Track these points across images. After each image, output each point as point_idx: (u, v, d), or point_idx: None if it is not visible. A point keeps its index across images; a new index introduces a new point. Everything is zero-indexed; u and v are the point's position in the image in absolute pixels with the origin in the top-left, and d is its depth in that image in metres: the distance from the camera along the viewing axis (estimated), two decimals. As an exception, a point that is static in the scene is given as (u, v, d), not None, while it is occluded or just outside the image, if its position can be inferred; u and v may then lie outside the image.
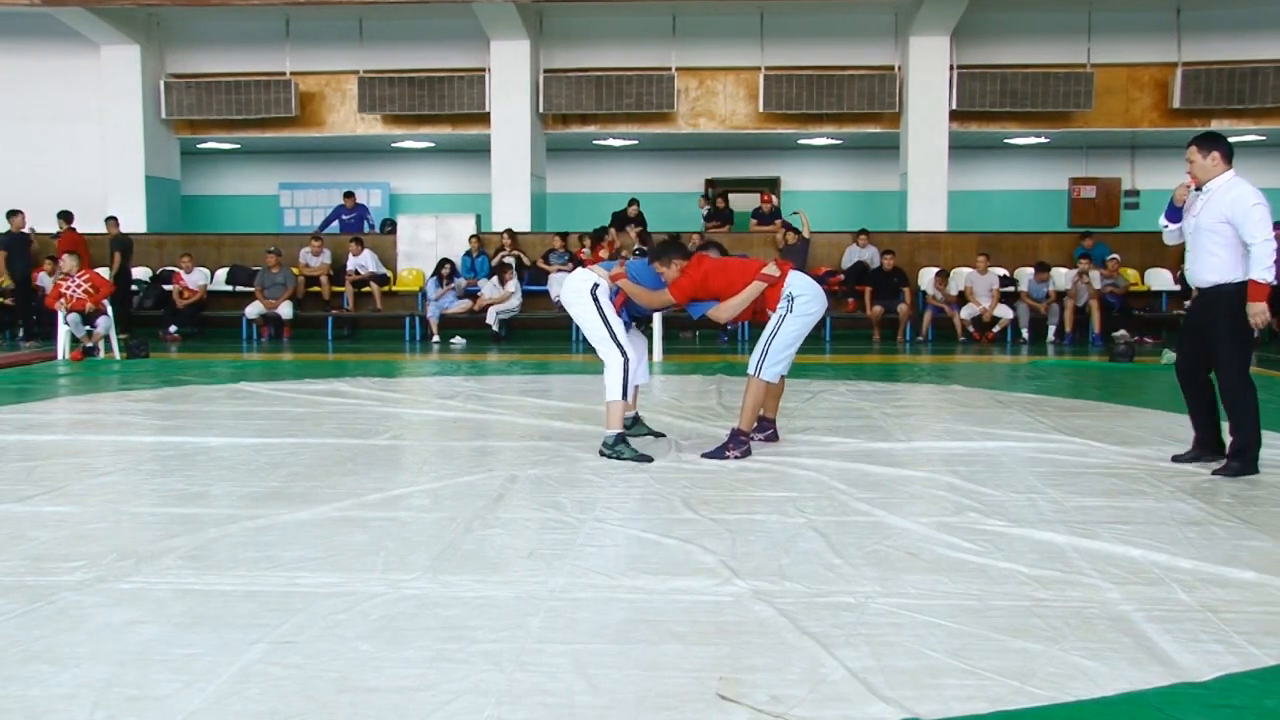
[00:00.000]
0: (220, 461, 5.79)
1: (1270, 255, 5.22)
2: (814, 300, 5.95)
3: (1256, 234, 5.22)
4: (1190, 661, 2.90)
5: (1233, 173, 5.46)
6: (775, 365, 5.93)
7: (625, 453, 5.76)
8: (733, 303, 5.93)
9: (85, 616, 3.27)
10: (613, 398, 5.87)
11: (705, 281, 5.96)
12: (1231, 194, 5.35)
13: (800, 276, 6.03)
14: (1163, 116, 16.38)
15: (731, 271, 6.02)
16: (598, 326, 5.92)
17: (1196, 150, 5.53)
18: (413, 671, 2.83)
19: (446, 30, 16.55)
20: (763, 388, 5.94)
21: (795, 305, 5.87)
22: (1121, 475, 5.38)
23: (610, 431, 5.86)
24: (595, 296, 5.93)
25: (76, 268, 12.19)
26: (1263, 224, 5.23)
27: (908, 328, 14.69)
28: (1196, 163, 5.52)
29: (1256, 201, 5.27)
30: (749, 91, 16.64)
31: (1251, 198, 5.28)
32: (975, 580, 3.62)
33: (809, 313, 5.94)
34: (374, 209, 18.99)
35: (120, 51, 16.49)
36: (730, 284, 5.95)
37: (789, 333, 5.91)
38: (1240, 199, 5.30)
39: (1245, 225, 5.24)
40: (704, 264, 5.99)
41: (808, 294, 5.93)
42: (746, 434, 5.89)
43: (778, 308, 5.91)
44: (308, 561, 3.84)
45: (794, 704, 2.62)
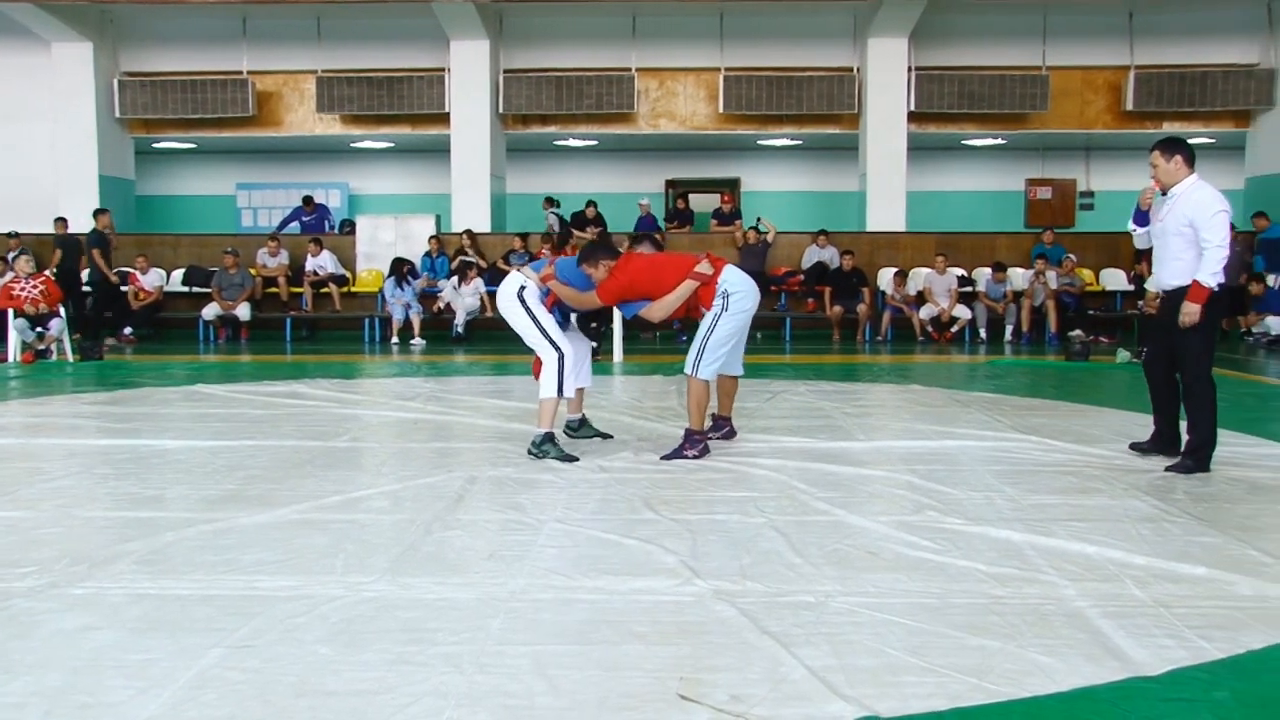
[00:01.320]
0: (176, 464, 5.72)
1: (1220, 261, 5.34)
2: (748, 296, 5.88)
3: (1210, 238, 5.35)
4: (1143, 656, 2.94)
5: (1196, 176, 5.57)
6: (712, 363, 5.86)
7: (551, 452, 5.75)
8: (665, 302, 5.83)
9: (37, 623, 3.22)
10: (545, 395, 5.84)
11: (633, 282, 5.86)
12: (1195, 197, 5.46)
13: (735, 272, 5.93)
14: (1116, 119, 16.63)
15: (662, 270, 5.89)
16: (529, 328, 5.90)
17: (1160, 154, 5.63)
18: (372, 674, 2.81)
19: (406, 30, 16.45)
20: (704, 386, 5.87)
21: (730, 303, 5.81)
22: (1077, 473, 5.44)
23: (539, 430, 5.85)
24: (523, 299, 5.90)
25: (31, 270, 12.02)
26: (1219, 230, 5.34)
27: (867, 328, 14.80)
28: (1160, 167, 5.62)
29: (1220, 209, 5.39)
30: (709, 92, 16.68)
31: (1214, 204, 5.40)
32: (934, 578, 3.65)
33: (744, 309, 5.88)
34: (333, 209, 18.86)
35: (72, 49, 16.25)
36: (660, 283, 5.84)
37: (725, 330, 5.84)
38: (1203, 203, 5.41)
39: (1203, 229, 5.37)
40: (632, 264, 5.90)
41: (742, 289, 5.86)
42: (700, 432, 5.87)
43: (713, 305, 5.84)
44: (266, 565, 3.80)
45: (755, 703, 2.63)
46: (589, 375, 6.42)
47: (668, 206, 19.30)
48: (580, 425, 6.46)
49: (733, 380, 6.32)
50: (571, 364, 5.88)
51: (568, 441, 6.10)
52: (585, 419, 6.50)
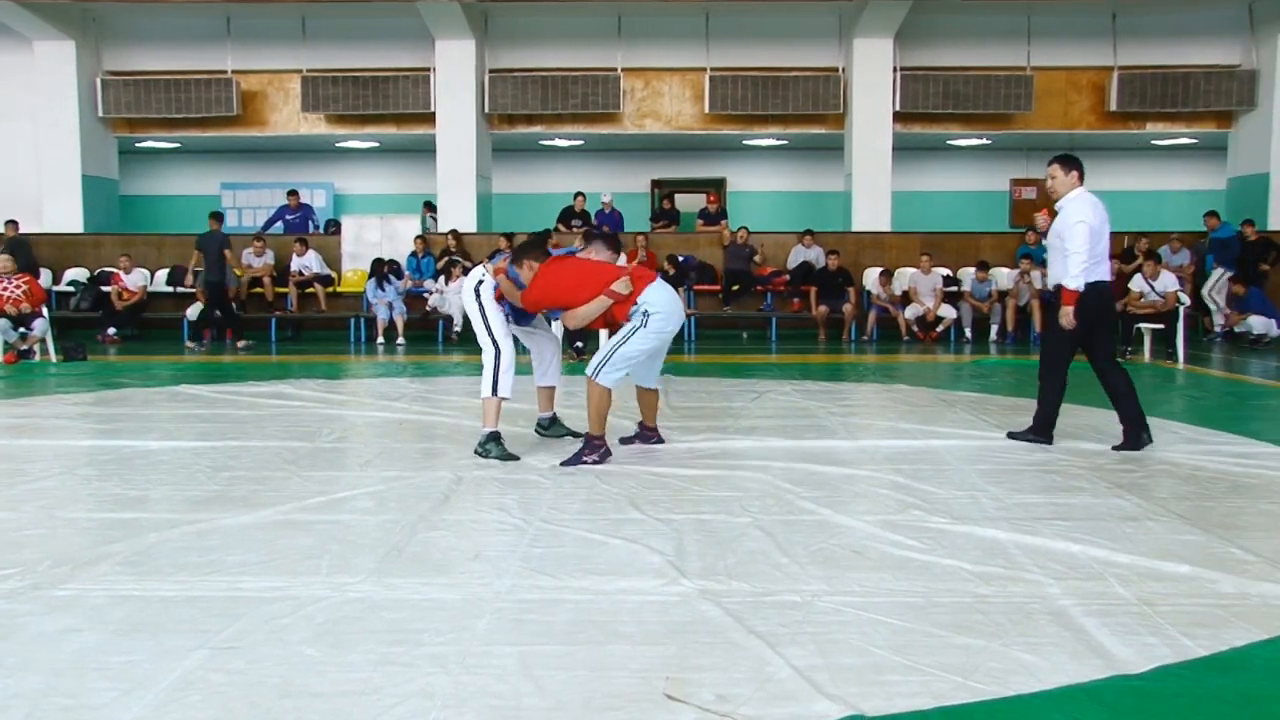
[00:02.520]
0: (160, 465, 5.69)
1: (1077, 267, 5.90)
2: (670, 319, 5.68)
3: (1069, 247, 5.93)
4: (1127, 654, 2.96)
5: (1082, 190, 6.12)
6: (615, 373, 5.66)
7: (493, 451, 5.77)
8: (577, 314, 5.71)
9: (18, 625, 3.20)
10: (484, 394, 5.84)
11: (550, 289, 5.72)
12: (1068, 209, 6.05)
13: (660, 291, 5.71)
14: (1100, 119, 16.70)
15: (580, 280, 5.73)
16: (477, 321, 5.91)
17: (1059, 168, 6.17)
18: (358, 675, 2.81)
19: (391, 29, 16.41)
20: (602, 391, 5.65)
21: (650, 321, 5.62)
22: (1061, 472, 5.47)
23: (484, 429, 5.85)
24: (478, 292, 5.90)
25: (12, 270, 11.95)
26: (1075, 238, 5.90)
27: (852, 327, 14.83)
28: (1058, 178, 6.16)
29: (1079, 220, 5.92)
30: (694, 92, 16.69)
31: (1077, 215, 5.95)
32: (919, 577, 3.66)
33: (664, 330, 5.69)
34: (318, 209, 18.79)
35: (54, 48, 16.15)
36: (575, 293, 5.69)
37: (637, 346, 5.65)
38: (1069, 215, 6.00)
39: (1065, 238, 5.97)
40: (552, 270, 5.76)
41: (664, 311, 5.65)
42: (600, 438, 5.71)
43: (630, 319, 5.67)
44: (250, 565, 3.79)
45: (741, 702, 2.64)
46: (558, 373, 6.42)
47: (654, 206, 19.30)
48: (551, 424, 6.45)
49: (651, 392, 6.17)
50: (507, 363, 5.80)
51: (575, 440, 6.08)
52: (556, 417, 6.49)
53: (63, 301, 15.53)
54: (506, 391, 5.86)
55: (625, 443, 6.17)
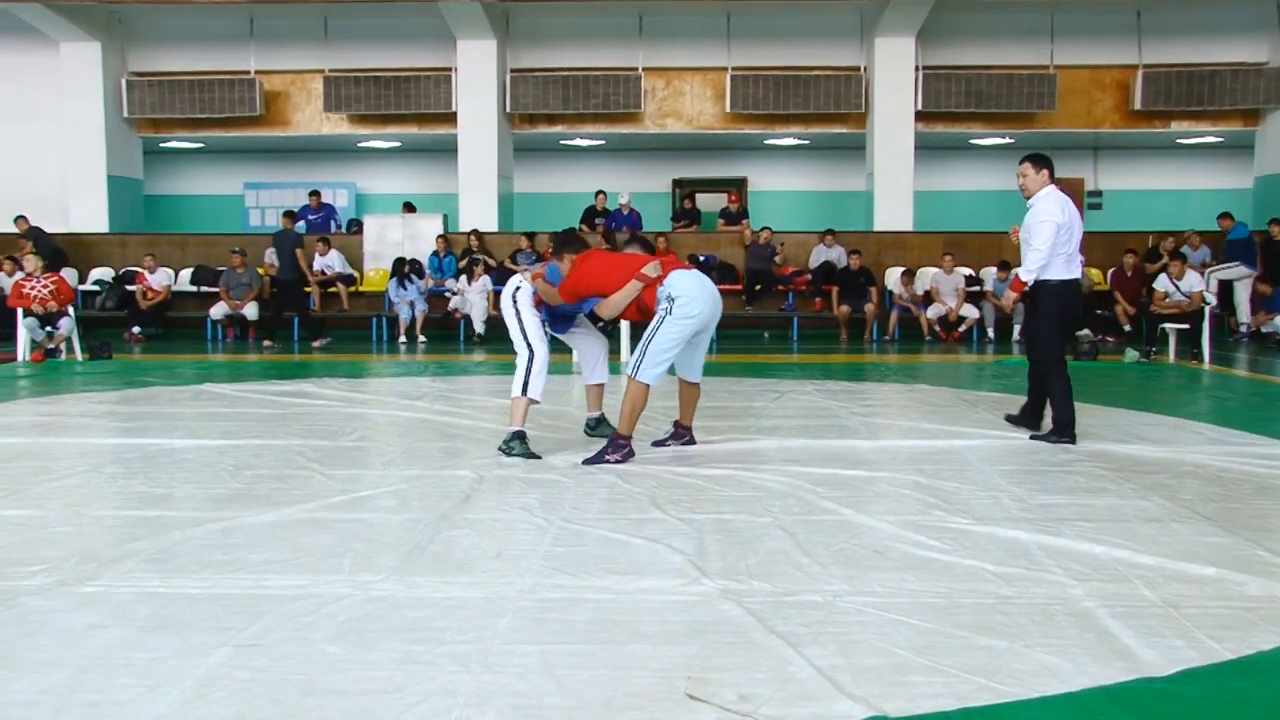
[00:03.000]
0: (184, 463, 5.73)
1: (1034, 262, 6.20)
2: (696, 302, 5.64)
3: (1033, 241, 6.22)
4: (1152, 656, 2.93)
5: (1052, 188, 6.37)
6: (654, 367, 5.64)
7: (516, 449, 5.81)
8: (612, 300, 5.77)
9: (46, 621, 3.22)
10: (514, 394, 5.89)
11: (585, 279, 5.82)
12: (1037, 206, 6.31)
13: (685, 277, 5.72)
14: (1124, 118, 16.58)
15: (613, 269, 5.81)
16: (513, 326, 5.99)
17: (1031, 166, 6.42)
18: (380, 674, 2.82)
19: (413, 29, 16.47)
20: (641, 390, 5.65)
21: (674, 307, 5.61)
22: (1085, 473, 5.43)
23: (510, 427, 5.90)
24: (515, 299, 5.99)
25: (40, 269, 12.07)
26: (1040, 235, 6.17)
27: (874, 327, 14.78)
28: (1030, 176, 6.40)
29: (1045, 219, 6.19)
30: (716, 92, 16.67)
31: (1044, 214, 6.21)
32: (941, 578, 3.65)
33: (690, 315, 5.63)
34: (340, 209, 18.87)
35: (80, 49, 16.29)
36: (608, 281, 5.77)
37: (667, 335, 5.62)
38: (1038, 211, 6.26)
39: (1032, 231, 6.25)
40: (588, 261, 5.87)
41: (689, 295, 5.63)
42: (626, 437, 5.70)
43: (657, 308, 5.71)
44: (273, 564, 3.81)
45: (762, 702, 2.63)
46: (605, 372, 6.42)
47: (675, 206, 19.29)
48: (598, 424, 6.44)
49: (692, 388, 6.13)
50: (540, 366, 5.86)
51: (600, 438, 6.08)
52: (604, 417, 6.46)
53: (88, 301, 15.65)
54: (537, 394, 5.90)
55: (658, 445, 6.14)
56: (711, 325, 5.88)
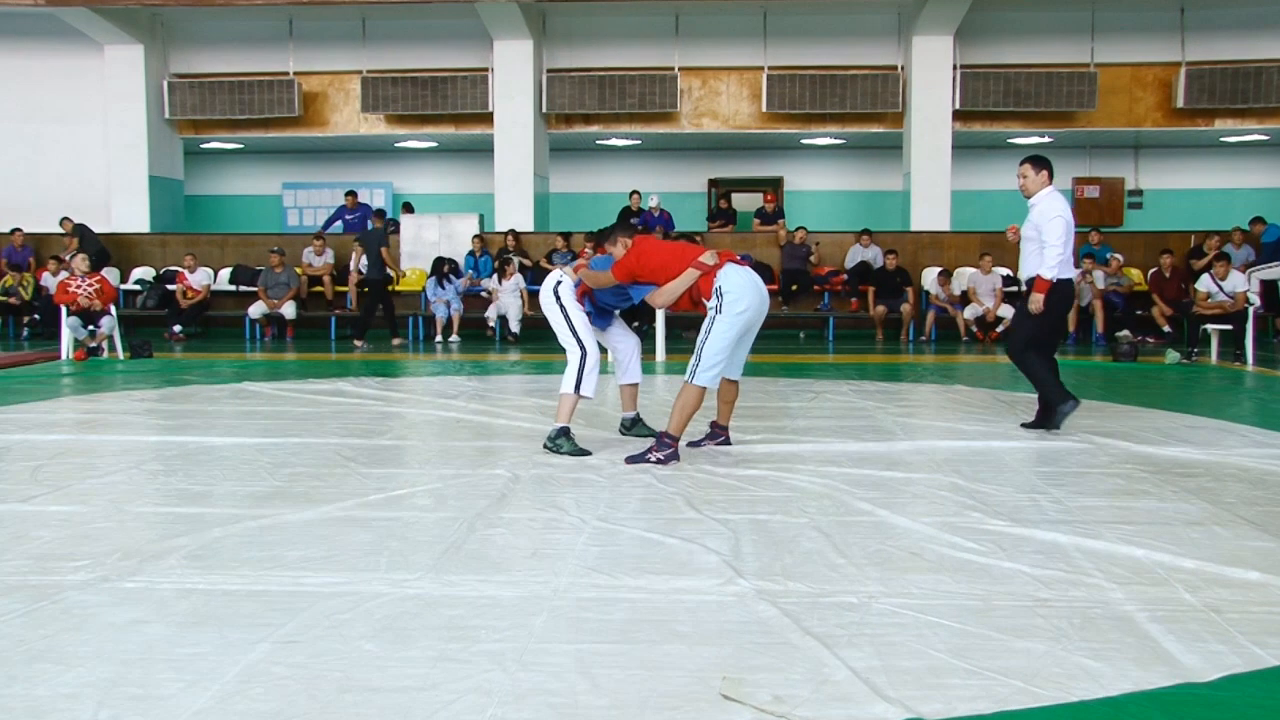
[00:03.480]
0: (223, 461, 5.79)
1: (1055, 259, 6.38)
2: (743, 298, 5.59)
3: (1047, 239, 6.39)
4: (1194, 662, 2.89)
5: (1052, 188, 6.58)
6: (710, 369, 5.60)
7: (564, 446, 5.82)
8: (668, 288, 5.70)
9: (89, 616, 3.27)
10: (564, 390, 5.91)
11: (642, 262, 5.77)
12: (1042, 205, 6.49)
13: (736, 272, 5.66)
14: (1167, 116, 16.38)
15: (668, 255, 5.78)
16: (559, 322, 5.98)
17: (1030, 168, 6.61)
18: (416, 671, 2.83)
19: (449, 30, 16.56)
20: (696, 393, 5.61)
21: (724, 305, 5.57)
22: (1125, 475, 5.37)
23: (556, 424, 5.91)
24: (558, 294, 5.98)
25: (86, 269, 12.25)
26: (1055, 232, 6.36)
27: (911, 328, 14.70)
28: (1030, 178, 6.59)
29: (1055, 215, 6.39)
30: (752, 91, 16.63)
31: (1053, 211, 6.41)
32: (978, 580, 3.62)
33: (739, 311, 5.58)
34: (377, 209, 18.99)
35: (124, 51, 16.51)
36: (665, 268, 5.72)
37: (720, 335, 5.58)
38: (1046, 210, 6.44)
39: (1044, 232, 6.41)
40: (645, 245, 5.86)
41: (737, 291, 5.59)
42: (674, 438, 5.65)
43: (709, 305, 5.65)
44: (311, 561, 3.84)
45: (798, 704, 2.62)
46: (639, 371, 6.42)
47: (710, 206, 19.27)
48: (634, 424, 6.45)
49: (732, 386, 6.08)
50: (593, 363, 5.87)
51: (632, 434, 6.10)
52: (639, 417, 6.48)
53: (130, 300, 15.87)
54: (590, 391, 5.90)
55: (694, 445, 6.13)
56: (759, 322, 5.84)
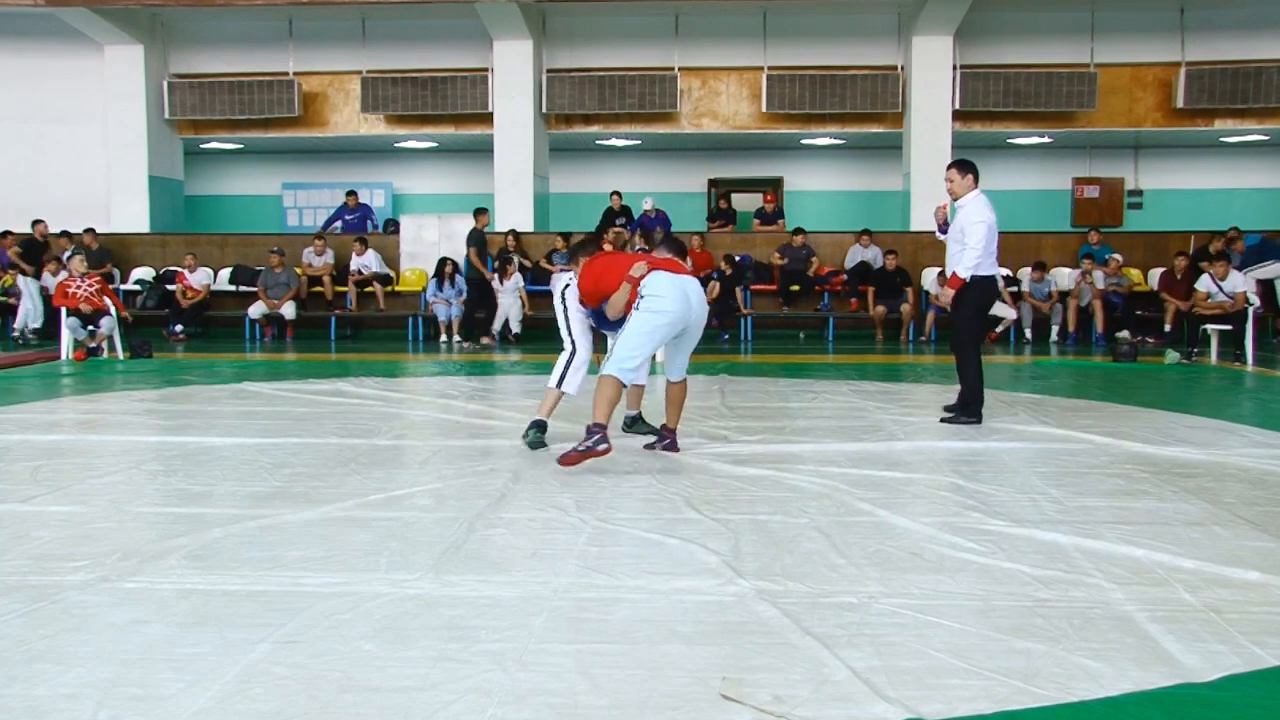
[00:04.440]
0: (223, 461, 5.79)
1: (972, 259, 6.81)
2: (666, 300, 5.56)
3: (969, 241, 6.82)
4: (1194, 662, 2.90)
5: (978, 191, 6.96)
6: (621, 362, 5.52)
7: (528, 436, 6.06)
8: (612, 301, 5.75)
9: (89, 616, 3.27)
10: (549, 384, 6.15)
11: (591, 277, 5.89)
12: (969, 208, 6.90)
13: (662, 277, 5.64)
14: (1166, 116, 16.37)
15: (608, 270, 5.82)
16: (561, 322, 6.23)
17: (956, 172, 7.00)
18: (416, 671, 2.83)
19: (449, 30, 16.56)
20: (608, 384, 5.50)
21: (642, 303, 5.59)
22: (1125, 476, 5.37)
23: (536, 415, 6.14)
24: (564, 295, 6.21)
25: (84, 269, 12.25)
26: (975, 234, 6.79)
27: (910, 328, 14.69)
28: (956, 181, 6.98)
29: (979, 220, 6.81)
30: (752, 91, 16.63)
31: (977, 215, 6.84)
32: (978, 580, 3.62)
33: (656, 310, 5.55)
34: (377, 209, 19.01)
35: (124, 52, 16.51)
36: (611, 283, 5.77)
37: (634, 330, 5.57)
38: (971, 214, 6.86)
39: (967, 231, 6.83)
40: (594, 264, 5.91)
41: (660, 292, 5.58)
42: (599, 426, 5.45)
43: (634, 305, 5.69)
44: (311, 561, 3.84)
45: (797, 704, 2.62)
46: (645, 374, 6.43)
47: (710, 206, 19.27)
48: (634, 421, 6.53)
49: (677, 387, 6.02)
50: (580, 362, 6.10)
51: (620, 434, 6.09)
52: (640, 416, 6.56)
53: (130, 300, 15.86)
54: (572, 389, 6.08)
55: (648, 448, 6.11)
56: (690, 326, 5.77)
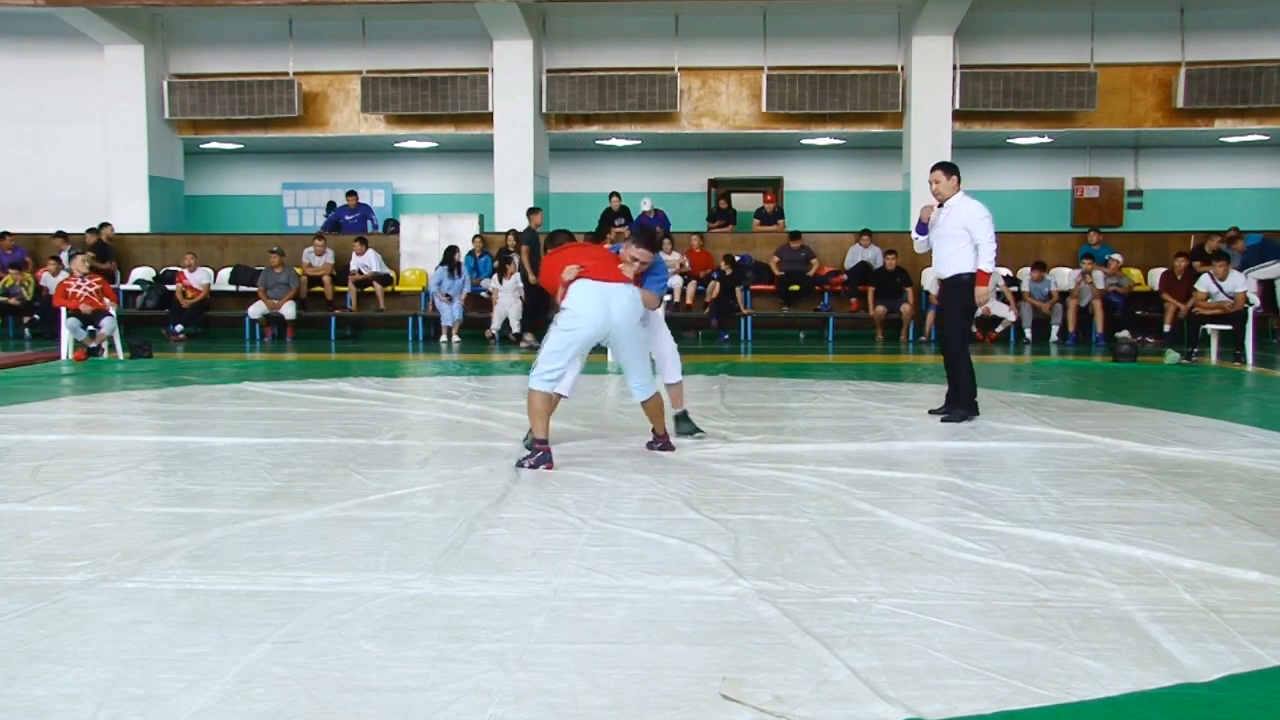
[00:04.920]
0: (223, 461, 5.79)
1: (990, 253, 7.01)
2: (577, 313, 5.63)
3: (980, 236, 6.99)
4: (1194, 662, 2.90)
5: (963, 192, 7.15)
6: (540, 374, 5.61)
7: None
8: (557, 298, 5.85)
9: (89, 616, 3.27)
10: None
11: (545, 273, 6.00)
12: (966, 208, 7.07)
13: (583, 288, 5.66)
14: (1166, 116, 16.37)
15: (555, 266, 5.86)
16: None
17: (942, 174, 7.15)
18: (416, 671, 2.83)
19: (449, 30, 16.56)
20: (532, 396, 5.61)
21: (559, 317, 5.70)
22: (1125, 476, 5.37)
23: None
24: None
25: (85, 269, 12.25)
26: (989, 230, 6.99)
27: (910, 328, 14.69)
28: (942, 183, 7.14)
29: (983, 216, 7.02)
30: (752, 91, 16.63)
31: (980, 211, 7.04)
32: (978, 580, 3.62)
33: (567, 325, 5.64)
34: (377, 209, 19.01)
35: (124, 52, 16.51)
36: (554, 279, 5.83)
37: (551, 343, 5.68)
38: (973, 212, 7.04)
39: (976, 231, 6.99)
40: (557, 255, 5.98)
41: (573, 305, 5.65)
42: (538, 440, 5.57)
43: None
44: (311, 561, 3.84)
45: (797, 704, 2.62)
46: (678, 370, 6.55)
47: (710, 206, 19.27)
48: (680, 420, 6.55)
49: (651, 403, 6.00)
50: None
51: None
52: (686, 413, 6.61)
53: (130, 300, 15.87)
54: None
55: (649, 447, 6.13)
56: (618, 334, 5.75)
